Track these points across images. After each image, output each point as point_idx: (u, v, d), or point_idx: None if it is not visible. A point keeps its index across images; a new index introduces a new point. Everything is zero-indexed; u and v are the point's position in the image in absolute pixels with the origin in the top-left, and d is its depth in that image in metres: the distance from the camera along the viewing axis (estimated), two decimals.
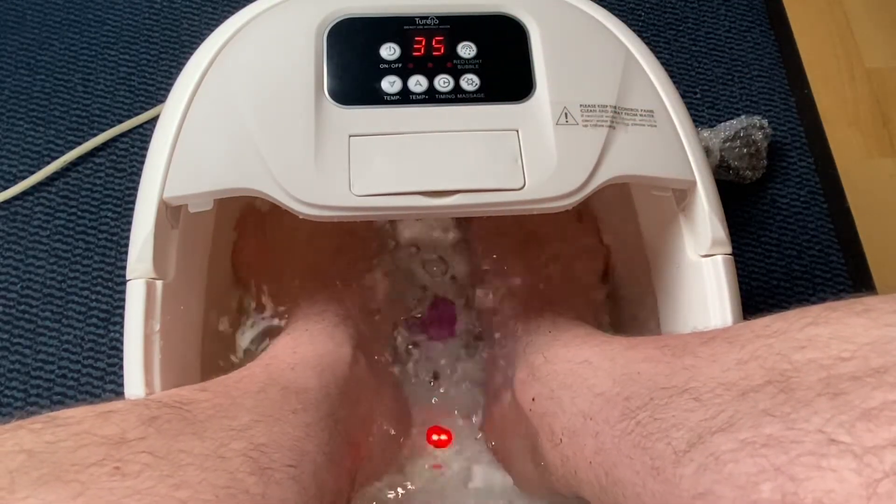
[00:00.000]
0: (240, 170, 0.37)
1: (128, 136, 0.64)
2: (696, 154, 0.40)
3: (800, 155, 0.68)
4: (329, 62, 0.40)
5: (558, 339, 0.42)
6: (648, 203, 0.47)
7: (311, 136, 0.37)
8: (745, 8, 0.75)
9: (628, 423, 0.29)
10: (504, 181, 0.37)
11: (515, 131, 0.38)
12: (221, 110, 0.38)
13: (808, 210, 0.65)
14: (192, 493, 0.24)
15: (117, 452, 0.24)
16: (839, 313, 0.24)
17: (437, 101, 0.39)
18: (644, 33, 0.72)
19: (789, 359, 0.24)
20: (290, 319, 0.47)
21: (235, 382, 0.35)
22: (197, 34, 0.69)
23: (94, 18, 0.69)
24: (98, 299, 0.58)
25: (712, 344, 0.28)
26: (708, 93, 0.70)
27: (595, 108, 0.39)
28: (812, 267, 0.63)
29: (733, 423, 0.23)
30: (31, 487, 0.22)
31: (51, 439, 0.24)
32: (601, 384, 0.34)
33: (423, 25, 0.41)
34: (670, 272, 0.44)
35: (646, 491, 0.27)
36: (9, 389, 0.55)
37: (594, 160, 0.38)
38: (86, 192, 0.62)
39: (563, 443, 0.36)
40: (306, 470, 0.30)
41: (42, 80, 0.66)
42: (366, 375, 0.44)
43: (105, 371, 0.56)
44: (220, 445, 0.27)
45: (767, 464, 0.21)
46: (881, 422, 0.19)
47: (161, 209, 0.37)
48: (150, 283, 0.37)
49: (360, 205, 0.36)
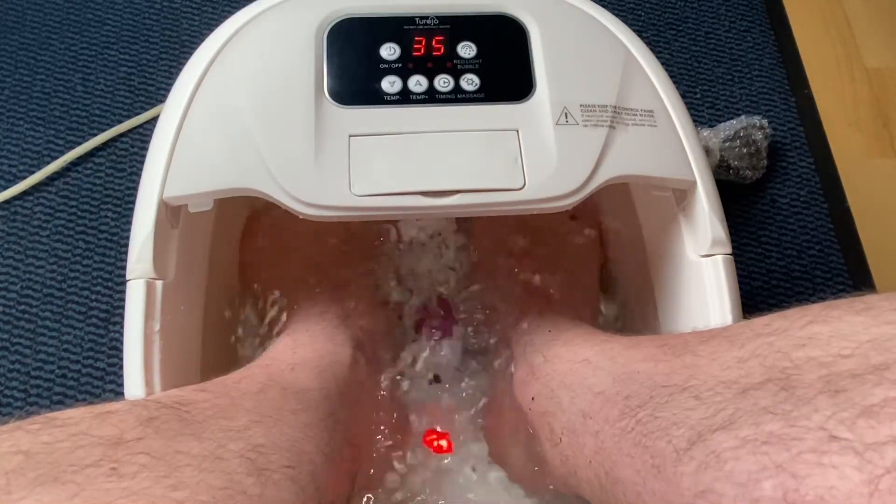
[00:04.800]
0: (240, 170, 0.37)
1: (128, 136, 0.64)
2: (696, 154, 0.40)
3: (800, 155, 0.68)
4: (329, 62, 0.40)
5: (558, 339, 0.42)
6: (648, 203, 0.47)
7: (311, 136, 0.37)
8: (745, 8, 0.75)
9: (628, 421, 0.29)
10: (504, 181, 0.37)
11: (515, 131, 0.38)
12: (221, 110, 0.38)
13: (808, 210, 0.65)
14: (190, 494, 0.24)
15: (114, 453, 0.24)
16: (839, 311, 0.24)
17: (437, 101, 0.39)
18: (644, 33, 0.72)
19: (790, 357, 0.24)
20: (291, 320, 0.47)
21: (235, 383, 0.35)
22: (197, 34, 0.69)
23: (94, 18, 0.69)
24: (98, 299, 0.58)
25: (712, 342, 0.28)
26: (708, 93, 0.70)
27: (595, 108, 0.39)
28: (812, 267, 0.63)
29: (734, 420, 0.23)
30: (27, 488, 0.22)
31: (48, 440, 0.24)
32: (601, 383, 0.34)
33: (423, 25, 0.41)
34: (670, 272, 0.44)
35: (646, 489, 0.27)
36: (9, 389, 0.54)
37: (594, 160, 0.38)
38: (86, 192, 0.62)
39: (562, 442, 0.36)
40: (304, 471, 0.30)
41: (42, 80, 0.66)
42: (366, 376, 0.44)
43: (105, 371, 0.56)
44: (219, 446, 0.27)
45: (769, 461, 0.21)
46: (882, 418, 0.19)
47: (161, 209, 0.37)
48: (150, 283, 0.37)
49: (360, 205, 0.36)
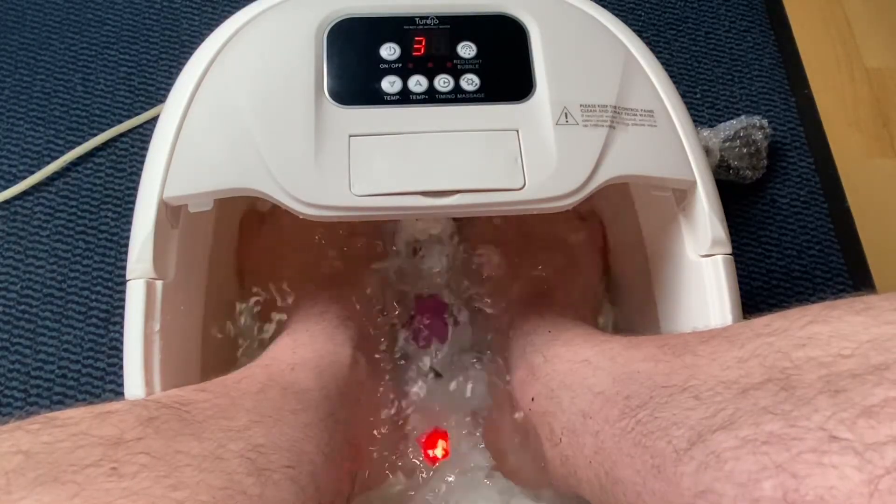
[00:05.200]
0: (240, 170, 0.37)
1: (128, 136, 0.64)
2: (696, 154, 0.40)
3: (800, 155, 0.68)
4: (329, 62, 0.40)
5: (558, 339, 0.42)
6: (648, 203, 0.47)
7: (311, 136, 0.37)
8: (745, 8, 0.75)
9: (628, 421, 0.29)
10: (504, 181, 0.37)
11: (515, 131, 0.38)
12: (221, 110, 0.38)
13: (808, 210, 0.65)
14: (190, 494, 0.24)
15: (115, 453, 0.24)
16: (839, 311, 0.24)
17: (437, 101, 0.39)
18: (644, 33, 0.72)
19: (790, 357, 0.24)
20: (291, 320, 0.47)
21: (235, 383, 0.35)
22: (197, 34, 0.69)
23: (94, 18, 0.69)
24: (98, 299, 0.58)
25: (712, 342, 0.28)
26: (708, 93, 0.70)
27: (595, 108, 0.39)
28: (812, 267, 0.63)
29: (734, 420, 0.23)
30: (27, 488, 0.22)
31: (48, 440, 0.24)
32: (601, 383, 0.34)
33: (423, 25, 0.41)
34: (670, 272, 0.44)
35: (646, 489, 0.27)
36: (9, 389, 0.54)
37: (594, 160, 0.38)
38: (86, 192, 0.62)
39: (562, 442, 0.36)
40: (304, 471, 0.30)
41: (42, 80, 0.66)
42: (366, 377, 0.44)
43: (105, 371, 0.56)
44: (219, 446, 0.27)
45: (769, 461, 0.21)
46: (882, 418, 0.19)
47: (161, 209, 0.37)
48: (150, 283, 0.37)
49: (360, 205, 0.36)
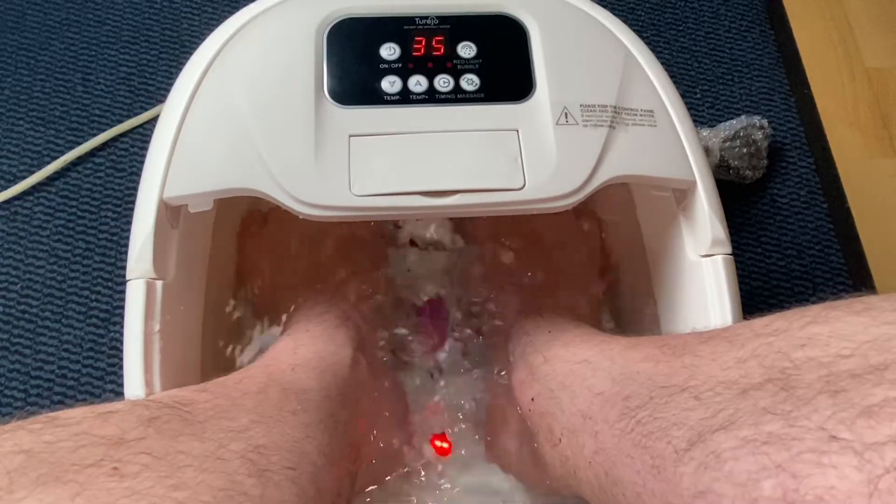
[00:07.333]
0: (240, 170, 0.37)
1: (128, 136, 0.64)
2: (696, 154, 0.40)
3: (800, 155, 0.68)
4: (329, 62, 0.40)
5: (558, 339, 0.42)
6: (648, 203, 0.47)
7: (311, 136, 0.37)
8: (745, 8, 0.75)
9: (628, 422, 0.29)
10: (504, 181, 0.37)
11: (515, 131, 0.38)
12: (221, 110, 0.38)
13: (808, 210, 0.65)
14: (191, 494, 0.24)
15: (116, 453, 0.24)
16: (839, 312, 0.24)
17: (437, 101, 0.39)
18: (644, 33, 0.72)
19: (789, 357, 0.24)
20: (291, 320, 0.47)
21: (235, 383, 0.35)
22: (197, 34, 0.69)
23: (94, 18, 0.69)
24: (98, 299, 0.58)
25: (712, 343, 0.28)
26: (708, 93, 0.70)
27: (595, 108, 0.39)
28: (812, 267, 0.63)
29: (734, 421, 0.23)
30: (29, 487, 0.22)
31: (50, 439, 0.24)
32: (600, 384, 0.34)
33: (423, 25, 0.41)
34: (670, 272, 0.44)
35: (646, 490, 0.27)
36: (9, 389, 0.54)
37: (594, 160, 0.38)
38: (86, 192, 0.62)
39: (562, 443, 0.36)
40: (305, 472, 0.30)
41: (42, 80, 0.66)
42: (366, 377, 0.44)
43: (105, 371, 0.56)
44: (219, 446, 0.27)
45: (768, 461, 0.21)
46: (882, 418, 0.19)
47: (161, 209, 0.37)
48: (150, 283, 0.37)
49: (360, 205, 0.36)
